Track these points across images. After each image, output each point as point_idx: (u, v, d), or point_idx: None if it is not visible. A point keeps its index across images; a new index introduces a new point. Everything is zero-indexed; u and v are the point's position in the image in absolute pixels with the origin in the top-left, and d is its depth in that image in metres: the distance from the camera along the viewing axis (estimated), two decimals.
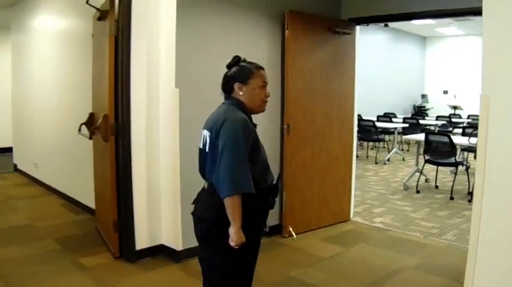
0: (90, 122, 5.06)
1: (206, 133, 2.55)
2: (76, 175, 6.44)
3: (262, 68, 2.64)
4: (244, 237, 2.41)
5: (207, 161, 2.55)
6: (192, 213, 2.66)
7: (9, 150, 9.78)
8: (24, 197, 7.10)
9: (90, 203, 5.76)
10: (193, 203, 2.70)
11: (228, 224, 2.40)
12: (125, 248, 4.54)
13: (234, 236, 2.39)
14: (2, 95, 10.21)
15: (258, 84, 2.58)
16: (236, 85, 2.59)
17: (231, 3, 4.75)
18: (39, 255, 4.66)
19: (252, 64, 2.63)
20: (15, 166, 9.18)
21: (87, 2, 4.69)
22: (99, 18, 4.73)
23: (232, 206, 2.36)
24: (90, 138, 5.03)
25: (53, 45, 7.09)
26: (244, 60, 2.67)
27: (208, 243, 2.58)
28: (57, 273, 4.21)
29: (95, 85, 5.25)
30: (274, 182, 2.69)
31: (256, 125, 2.66)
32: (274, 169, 5.02)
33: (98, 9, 4.77)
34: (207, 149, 2.54)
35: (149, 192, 4.62)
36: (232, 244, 2.40)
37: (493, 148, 2.77)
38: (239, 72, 2.60)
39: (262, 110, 2.68)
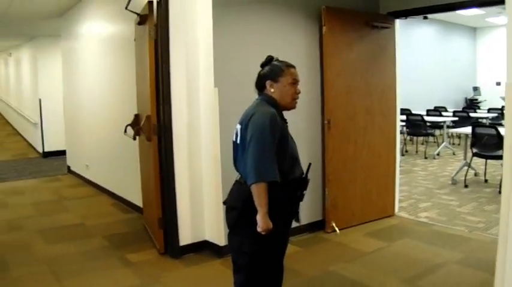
0: (135, 123, 5.23)
1: (238, 127, 2.68)
2: (125, 174, 6.65)
3: (292, 67, 2.74)
4: (271, 223, 2.49)
5: (238, 152, 2.66)
6: (224, 202, 2.79)
7: (63, 153, 10.17)
8: (76, 198, 7.40)
9: (139, 202, 5.95)
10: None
11: (255, 212, 2.49)
12: (170, 244, 4.68)
13: (260, 222, 2.48)
14: (55, 101, 10.62)
15: (288, 81, 2.68)
16: (268, 83, 2.71)
17: (267, 1, 4.81)
18: (89, 251, 4.86)
19: (282, 63, 2.74)
20: (68, 167, 9.54)
21: (126, 8, 4.84)
22: (140, 23, 4.88)
23: (258, 193, 2.45)
24: (134, 138, 5.18)
25: (100, 50, 7.34)
26: (277, 59, 2.77)
27: (236, 230, 2.69)
28: (105, 268, 4.40)
29: (138, 87, 5.41)
30: (304, 175, 2.75)
31: (286, 120, 2.74)
32: (316, 165, 5.06)
33: (138, 14, 4.92)
34: (238, 141, 2.65)
35: (192, 189, 4.74)
36: (259, 229, 2.48)
37: None
38: (270, 71, 2.72)
39: (293, 107, 2.77)
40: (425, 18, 6.14)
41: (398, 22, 5.82)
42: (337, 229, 5.25)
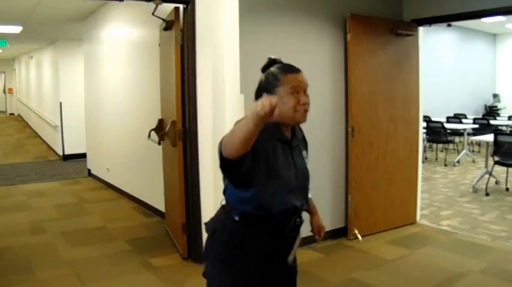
0: (159, 128, 5.26)
1: None
2: (146, 179, 6.69)
3: (293, 71, 2.17)
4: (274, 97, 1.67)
5: None
6: (205, 223, 2.35)
7: (83, 156, 10.26)
8: (97, 201, 7.45)
9: (160, 206, 5.98)
10: None
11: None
12: (193, 249, 4.70)
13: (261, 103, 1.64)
14: (76, 104, 10.73)
15: (286, 91, 2.10)
16: (264, 95, 1.87)
17: (293, 8, 4.84)
18: (112, 255, 4.91)
19: (280, 68, 2.19)
20: (89, 171, 9.60)
21: (153, 14, 4.88)
22: (165, 29, 4.92)
23: (240, 126, 1.82)
24: (159, 143, 5.22)
25: (123, 54, 7.40)
26: (280, 62, 2.26)
27: (209, 257, 2.28)
28: (128, 272, 4.44)
29: (163, 92, 5.44)
30: (290, 210, 2.18)
31: (289, 140, 2.21)
32: (339, 171, 5.06)
33: (164, 20, 4.95)
34: None
35: (216, 195, 4.71)
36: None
37: None
38: (266, 81, 2.21)
39: (300, 120, 2.17)
40: (449, 25, 6.09)
41: (421, 29, 5.81)
42: (359, 236, 5.24)
